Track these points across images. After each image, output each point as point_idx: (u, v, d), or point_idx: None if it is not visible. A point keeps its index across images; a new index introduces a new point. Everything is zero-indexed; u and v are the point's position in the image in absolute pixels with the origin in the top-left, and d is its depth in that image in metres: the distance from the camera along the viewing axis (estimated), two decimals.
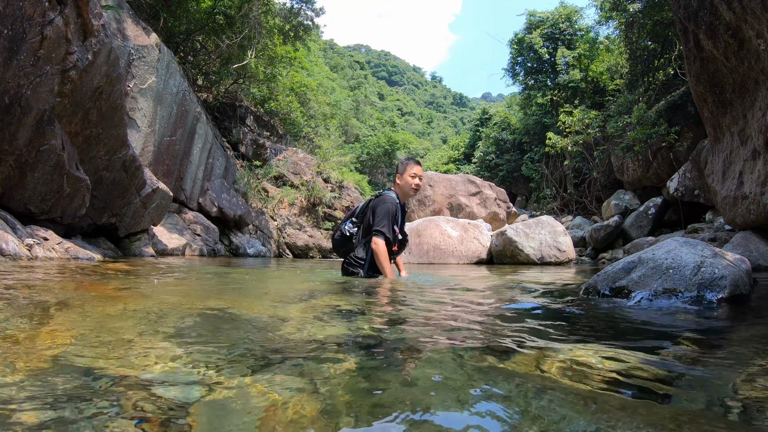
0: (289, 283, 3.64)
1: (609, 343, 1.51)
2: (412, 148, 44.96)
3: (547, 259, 9.04)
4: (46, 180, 4.94)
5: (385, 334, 1.55)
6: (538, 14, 21.44)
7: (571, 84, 18.70)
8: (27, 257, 4.19)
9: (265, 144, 16.85)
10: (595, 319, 2.05)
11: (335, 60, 56.88)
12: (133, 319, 1.61)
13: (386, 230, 3.44)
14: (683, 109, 12.17)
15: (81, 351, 1.17)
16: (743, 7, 4.74)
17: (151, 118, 9.25)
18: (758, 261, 6.08)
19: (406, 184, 3.65)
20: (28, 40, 4.13)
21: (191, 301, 2.16)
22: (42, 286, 2.42)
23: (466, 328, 1.73)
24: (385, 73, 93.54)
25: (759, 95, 5.45)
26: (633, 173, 14.04)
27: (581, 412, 0.86)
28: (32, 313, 1.59)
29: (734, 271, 2.34)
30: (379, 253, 3.43)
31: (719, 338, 1.65)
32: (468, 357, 1.28)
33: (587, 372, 1.13)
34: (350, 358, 1.20)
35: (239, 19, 13.50)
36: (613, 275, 2.60)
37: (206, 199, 12.19)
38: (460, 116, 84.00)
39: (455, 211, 13.46)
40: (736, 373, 1.16)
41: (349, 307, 2.19)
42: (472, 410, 0.88)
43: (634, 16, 13.98)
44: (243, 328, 1.61)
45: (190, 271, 4.56)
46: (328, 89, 33.57)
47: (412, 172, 3.63)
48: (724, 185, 6.80)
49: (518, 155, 22.23)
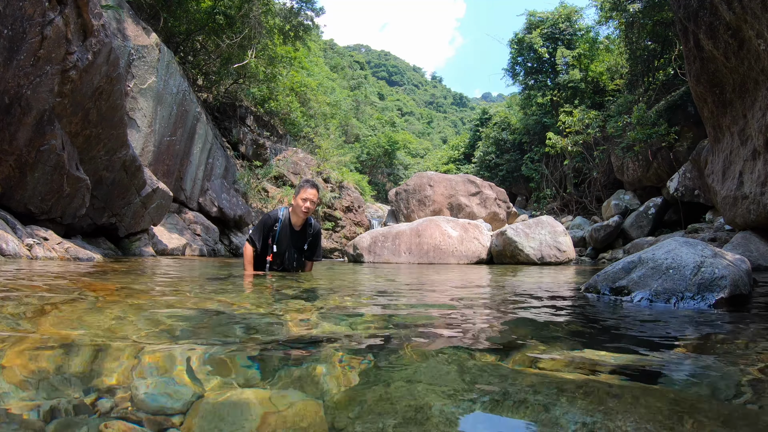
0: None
1: (608, 343, 1.51)
2: (412, 148, 44.99)
3: (547, 259, 9.04)
4: (46, 180, 4.94)
5: (382, 329, 1.55)
6: (538, 14, 21.43)
7: (571, 84, 18.70)
8: (27, 257, 4.19)
9: (265, 144, 16.84)
10: (594, 319, 2.05)
11: (335, 60, 56.86)
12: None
13: (252, 237, 3.92)
14: (683, 109, 12.17)
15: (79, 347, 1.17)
16: (743, 7, 4.74)
17: (151, 118, 9.25)
18: (758, 261, 6.08)
19: (296, 205, 3.91)
20: (28, 40, 4.13)
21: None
22: (36, 285, 2.42)
23: (464, 326, 1.73)
24: (385, 73, 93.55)
25: (759, 95, 5.44)
26: (633, 173, 14.05)
27: (579, 406, 0.86)
28: (24, 312, 1.59)
29: (734, 271, 2.34)
30: (243, 254, 3.97)
31: (719, 338, 1.64)
32: (466, 355, 1.28)
33: (586, 370, 1.13)
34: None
35: (239, 19, 13.50)
36: (613, 275, 2.60)
37: (206, 199, 12.19)
38: (460, 116, 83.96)
39: (455, 211, 13.46)
40: (735, 372, 1.16)
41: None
42: (472, 407, 0.88)
43: (634, 16, 13.98)
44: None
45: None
46: (328, 89, 33.56)
47: (303, 196, 3.86)
48: (724, 185, 6.80)
49: (518, 155, 22.23)
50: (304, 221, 4.01)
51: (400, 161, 37.96)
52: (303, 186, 3.90)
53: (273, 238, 3.94)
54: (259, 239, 3.91)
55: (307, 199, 3.84)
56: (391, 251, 9.91)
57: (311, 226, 4.09)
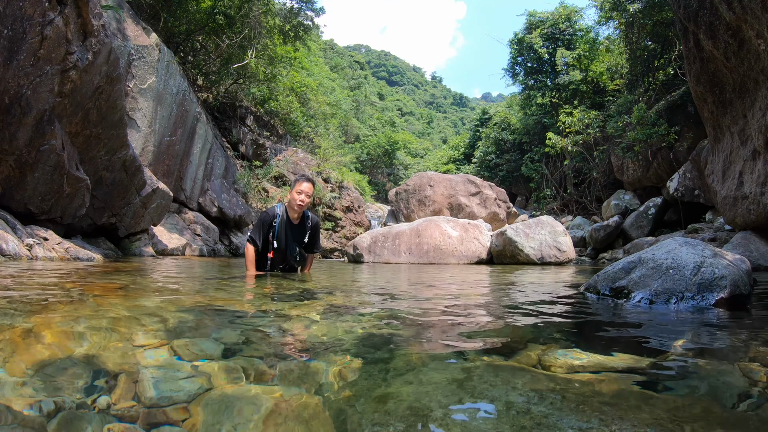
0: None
1: (608, 344, 1.51)
2: (412, 148, 44.95)
3: (547, 259, 9.04)
4: (46, 180, 4.94)
5: (383, 329, 1.55)
6: (538, 14, 21.42)
7: (572, 86, 18.70)
8: (27, 257, 4.19)
9: (265, 144, 16.84)
10: (594, 319, 2.06)
11: (335, 60, 56.82)
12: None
13: (253, 236, 3.96)
14: (683, 109, 12.17)
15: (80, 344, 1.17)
16: (743, 7, 4.74)
17: (151, 118, 9.24)
18: (758, 261, 6.08)
19: (292, 199, 3.97)
20: (28, 40, 4.13)
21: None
22: (37, 285, 2.42)
23: (464, 326, 1.73)
24: (385, 73, 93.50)
25: (759, 95, 5.44)
26: (633, 173, 14.04)
27: (578, 410, 0.86)
28: (28, 312, 1.59)
29: (734, 271, 2.34)
30: (245, 255, 3.99)
31: (719, 338, 1.64)
32: (465, 355, 1.28)
33: (586, 371, 1.13)
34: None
35: (239, 19, 13.49)
36: (613, 275, 2.60)
37: (206, 199, 12.19)
38: (460, 116, 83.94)
39: (455, 211, 13.46)
40: (736, 372, 1.16)
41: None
42: (472, 408, 0.88)
43: (634, 16, 13.97)
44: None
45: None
46: (328, 89, 33.56)
47: (298, 189, 3.93)
48: (724, 185, 6.80)
49: (518, 155, 22.23)
50: (301, 215, 4.08)
51: (400, 161, 37.96)
52: (298, 180, 3.97)
53: (273, 234, 3.98)
54: (259, 237, 3.96)
55: (302, 192, 3.91)
56: (391, 251, 9.91)
57: (309, 218, 4.15)
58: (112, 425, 0.77)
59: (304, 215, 4.12)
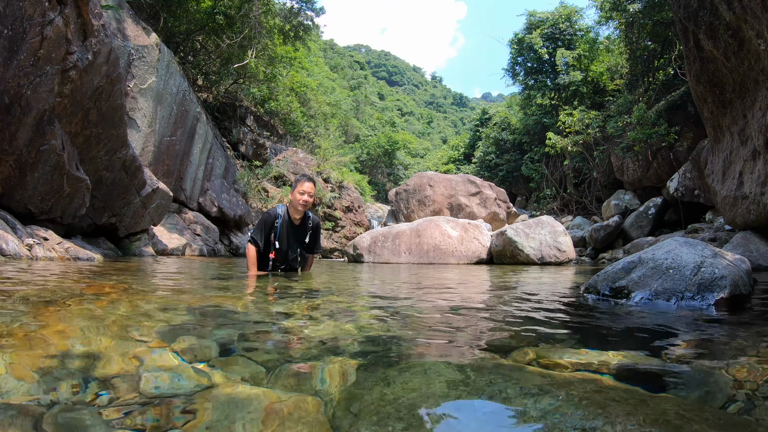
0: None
1: (608, 344, 1.51)
2: (412, 148, 44.97)
3: (547, 259, 9.04)
4: (46, 180, 4.94)
5: (382, 329, 1.55)
6: (538, 14, 21.42)
7: (572, 86, 18.70)
8: (27, 257, 4.19)
9: (265, 144, 16.84)
10: (594, 319, 2.06)
11: (335, 60, 56.84)
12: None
13: (254, 236, 3.97)
14: (683, 109, 12.17)
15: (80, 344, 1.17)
16: (743, 7, 4.74)
17: (151, 118, 9.25)
18: (758, 261, 6.08)
19: (294, 199, 3.96)
20: (28, 40, 4.13)
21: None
22: (37, 285, 2.42)
23: (463, 326, 1.73)
24: (385, 73, 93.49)
25: (759, 95, 5.45)
26: (633, 173, 14.05)
27: (581, 408, 0.86)
28: (29, 311, 1.59)
29: (734, 271, 2.34)
30: (246, 255, 4.02)
31: (719, 338, 1.65)
32: (465, 355, 1.28)
33: (586, 371, 1.13)
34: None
35: (239, 19, 13.49)
36: (613, 275, 2.60)
37: (206, 199, 12.19)
38: (460, 116, 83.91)
39: (455, 211, 13.46)
40: (736, 372, 1.16)
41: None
42: (472, 407, 0.88)
43: (634, 16, 13.97)
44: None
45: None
46: (328, 89, 33.57)
47: (300, 189, 3.93)
48: (724, 185, 6.80)
49: (518, 155, 22.23)
50: (303, 215, 4.09)
51: (400, 161, 37.97)
52: (300, 180, 3.97)
53: (275, 235, 3.99)
54: (261, 237, 3.97)
55: (304, 192, 3.91)
56: (391, 251, 9.91)
57: (310, 219, 4.17)
58: (111, 425, 0.77)
59: (305, 216, 4.13)
